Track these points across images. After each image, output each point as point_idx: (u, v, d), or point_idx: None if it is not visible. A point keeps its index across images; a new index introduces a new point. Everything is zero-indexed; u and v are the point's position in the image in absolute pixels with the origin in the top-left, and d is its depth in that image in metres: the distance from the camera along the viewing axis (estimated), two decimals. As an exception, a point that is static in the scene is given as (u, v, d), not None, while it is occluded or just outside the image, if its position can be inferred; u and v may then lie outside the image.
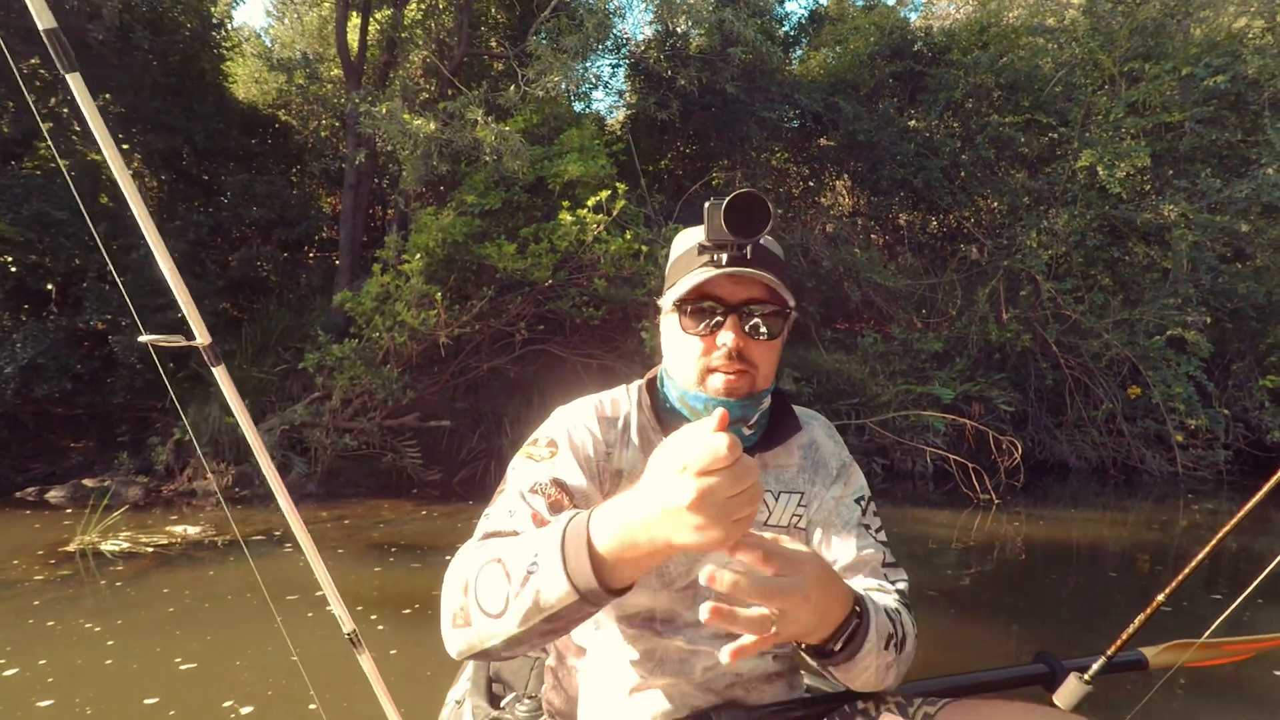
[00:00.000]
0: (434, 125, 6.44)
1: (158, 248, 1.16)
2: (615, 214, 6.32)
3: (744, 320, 0.91)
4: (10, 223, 6.11)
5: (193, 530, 4.84)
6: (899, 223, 10.76)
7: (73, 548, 4.38)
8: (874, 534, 1.00)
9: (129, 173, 1.14)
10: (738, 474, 0.57)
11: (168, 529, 4.87)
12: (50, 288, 7.13)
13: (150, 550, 4.41)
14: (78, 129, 7.23)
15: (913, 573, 0.99)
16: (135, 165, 8.29)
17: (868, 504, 1.02)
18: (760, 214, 0.84)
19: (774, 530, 0.99)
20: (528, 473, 0.90)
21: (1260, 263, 8.78)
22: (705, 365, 0.92)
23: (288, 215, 8.54)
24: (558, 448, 0.93)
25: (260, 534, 4.85)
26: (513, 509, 0.86)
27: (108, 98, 7.24)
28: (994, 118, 9.33)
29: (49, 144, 6.83)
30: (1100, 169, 8.31)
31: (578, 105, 9.33)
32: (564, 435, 0.95)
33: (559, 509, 0.86)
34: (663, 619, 0.95)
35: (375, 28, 8.63)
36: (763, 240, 0.92)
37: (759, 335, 0.91)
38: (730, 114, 8.66)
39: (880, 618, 0.82)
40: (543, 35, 7.47)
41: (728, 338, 0.90)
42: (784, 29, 11.13)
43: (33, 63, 6.61)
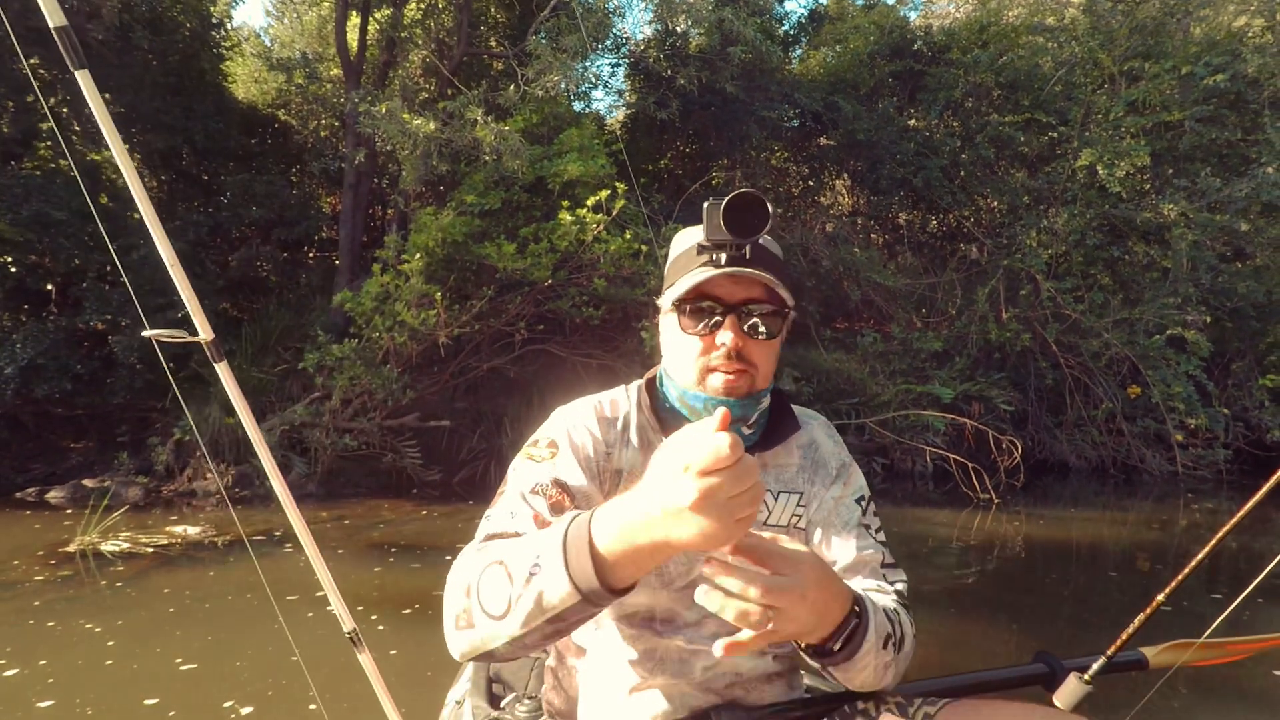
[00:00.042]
0: (433, 125, 6.44)
1: (162, 244, 1.16)
2: (615, 214, 6.32)
3: (743, 320, 0.91)
4: (10, 223, 6.11)
5: (193, 530, 4.84)
6: (899, 222, 10.76)
7: (73, 548, 4.38)
8: (873, 534, 1.00)
9: (135, 169, 1.14)
10: (739, 474, 0.57)
11: (168, 529, 4.87)
12: (50, 288, 7.13)
13: (150, 550, 4.41)
14: (78, 129, 7.23)
15: (913, 572, 0.99)
16: (135, 165, 8.28)
17: (867, 504, 1.02)
18: (759, 214, 0.84)
19: (773, 530, 0.99)
20: (528, 474, 0.90)
21: (1260, 262, 8.78)
22: (704, 365, 0.92)
23: (287, 215, 8.54)
24: (558, 448, 0.93)
25: (260, 534, 4.85)
26: (514, 510, 0.86)
27: (107, 97, 7.18)
28: (994, 117, 9.33)
29: (51, 144, 6.83)
30: (1100, 168, 8.32)
31: (577, 105, 9.33)
32: (564, 436, 0.95)
33: (560, 510, 0.86)
34: (663, 619, 0.95)
35: (375, 27, 8.62)
36: (762, 240, 0.92)
37: (758, 335, 0.92)
38: (730, 113, 8.66)
39: (879, 618, 0.82)
40: (542, 35, 7.47)
41: (727, 337, 0.90)
42: (783, 28, 11.14)
43: (32, 62, 6.61)
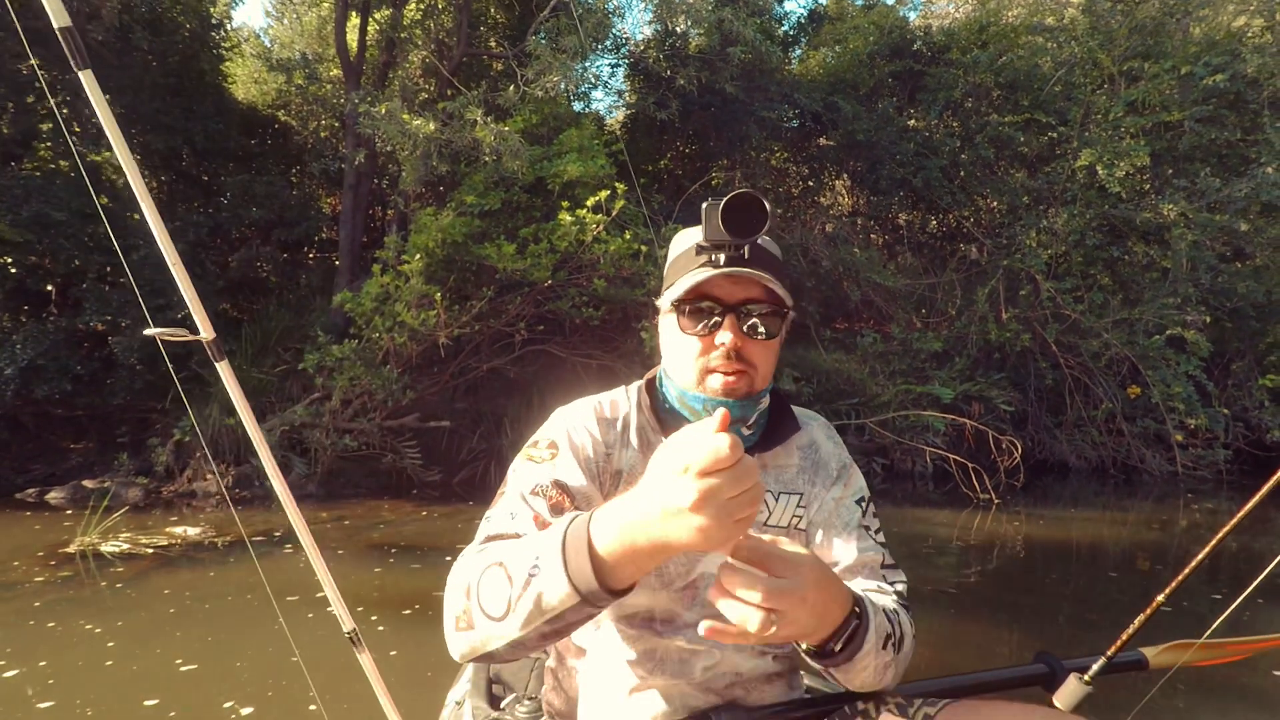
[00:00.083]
0: (433, 125, 6.44)
1: (164, 243, 1.16)
2: (614, 214, 6.32)
3: (742, 320, 0.91)
4: (10, 224, 6.11)
5: (193, 531, 4.84)
6: (898, 222, 10.76)
7: (73, 549, 4.38)
8: (873, 535, 1.00)
9: (137, 168, 1.13)
10: (739, 474, 0.57)
11: (168, 530, 4.87)
12: (50, 289, 7.13)
13: (150, 551, 4.41)
14: (78, 129, 7.22)
15: (913, 572, 0.99)
16: (136, 165, 8.29)
17: (867, 505, 1.03)
18: (758, 214, 0.84)
19: (774, 531, 0.99)
20: (528, 475, 0.90)
21: (1260, 262, 8.78)
22: (704, 365, 0.92)
23: (287, 216, 8.54)
24: (558, 449, 0.93)
25: (260, 535, 4.86)
26: (514, 511, 0.86)
27: (108, 98, 7.21)
28: (993, 117, 9.33)
29: (51, 144, 6.82)
30: (1100, 168, 8.32)
31: (577, 105, 9.34)
32: (564, 436, 0.95)
33: (560, 511, 0.86)
34: (662, 619, 0.95)
35: (374, 28, 8.63)
36: (760, 240, 0.92)
37: (757, 335, 0.92)
38: (729, 114, 8.66)
39: (879, 618, 0.82)
40: (542, 35, 7.47)
41: (726, 338, 0.90)
42: (783, 28, 11.14)
43: (32, 63, 6.61)
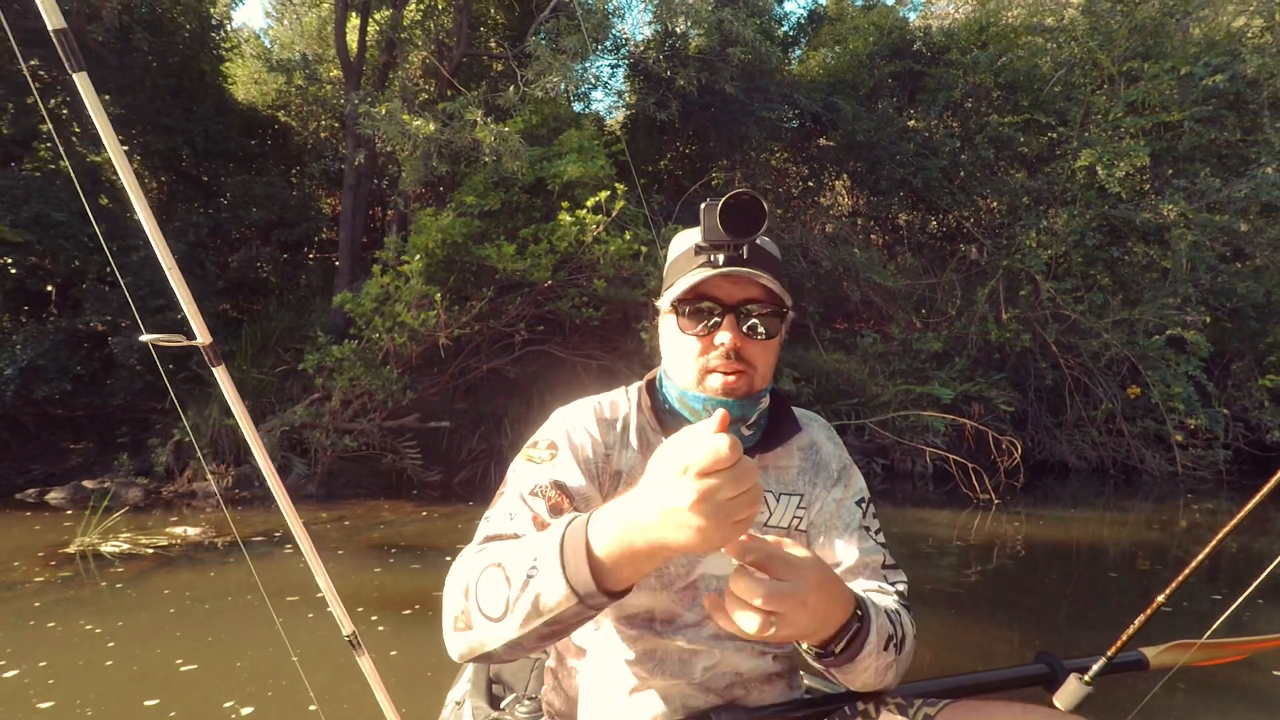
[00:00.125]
0: (433, 126, 6.44)
1: (160, 247, 1.16)
2: (614, 214, 6.32)
3: (741, 320, 0.91)
4: (10, 224, 6.11)
5: (192, 531, 4.84)
6: (898, 223, 10.76)
7: (73, 549, 4.38)
8: (874, 536, 1.00)
9: (133, 172, 1.13)
10: (738, 475, 0.57)
11: (168, 530, 4.87)
12: (50, 289, 7.13)
13: (150, 552, 4.41)
14: (78, 130, 7.23)
15: (913, 573, 0.99)
16: (135, 166, 8.30)
17: (868, 506, 1.03)
18: (756, 214, 0.84)
19: (775, 532, 0.99)
20: (528, 475, 0.90)
21: (1259, 262, 8.78)
22: (703, 365, 0.92)
23: (287, 216, 8.55)
24: (558, 450, 0.93)
25: (260, 535, 4.85)
26: (513, 512, 0.86)
27: (107, 99, 7.24)
28: (993, 117, 9.34)
29: (51, 145, 6.82)
30: (1099, 168, 8.32)
31: (577, 106, 9.35)
32: (563, 437, 0.95)
33: (559, 511, 0.86)
34: (663, 619, 0.95)
35: (374, 28, 8.63)
36: (760, 240, 0.92)
37: (756, 335, 0.92)
38: (729, 114, 8.66)
39: (881, 619, 0.82)
40: (542, 36, 7.48)
41: (725, 338, 0.90)
42: (783, 29, 11.15)
43: (32, 64, 6.61)
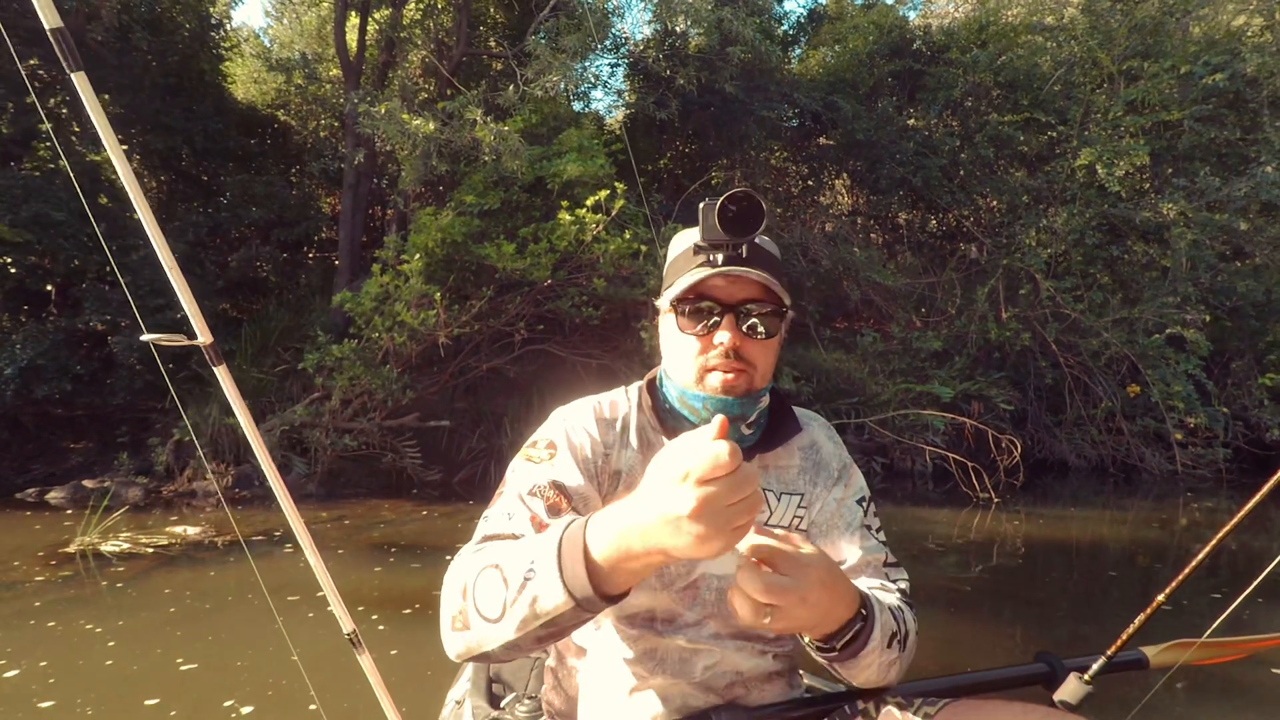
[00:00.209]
0: (433, 125, 6.43)
1: (160, 246, 1.15)
2: (614, 214, 6.31)
3: (741, 320, 0.91)
4: (9, 224, 6.10)
5: (193, 531, 4.84)
6: (898, 222, 10.75)
7: (73, 549, 4.38)
8: (875, 534, 1.01)
9: (132, 171, 1.13)
10: (738, 482, 0.57)
11: (168, 530, 4.87)
12: (50, 289, 7.13)
13: (150, 551, 4.41)
14: (77, 130, 7.22)
15: (912, 572, 1.00)
16: (134, 166, 8.30)
17: (869, 504, 1.03)
18: (754, 213, 0.84)
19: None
20: (526, 475, 0.90)
21: (1259, 261, 8.78)
22: (703, 364, 0.93)
23: (287, 216, 8.54)
24: (556, 449, 0.93)
25: (260, 534, 4.85)
26: (511, 512, 0.86)
27: (106, 98, 7.24)
28: (993, 116, 9.32)
29: (50, 144, 6.82)
30: (1099, 167, 8.31)
31: (576, 105, 9.34)
32: (563, 437, 0.95)
33: (557, 512, 0.86)
34: (663, 619, 0.95)
35: (374, 27, 8.62)
36: (759, 240, 0.92)
37: (756, 334, 0.92)
38: (729, 113, 8.66)
39: (885, 617, 0.83)
40: (541, 35, 7.47)
41: (725, 337, 0.90)
42: (783, 28, 11.14)
43: (31, 63, 6.61)
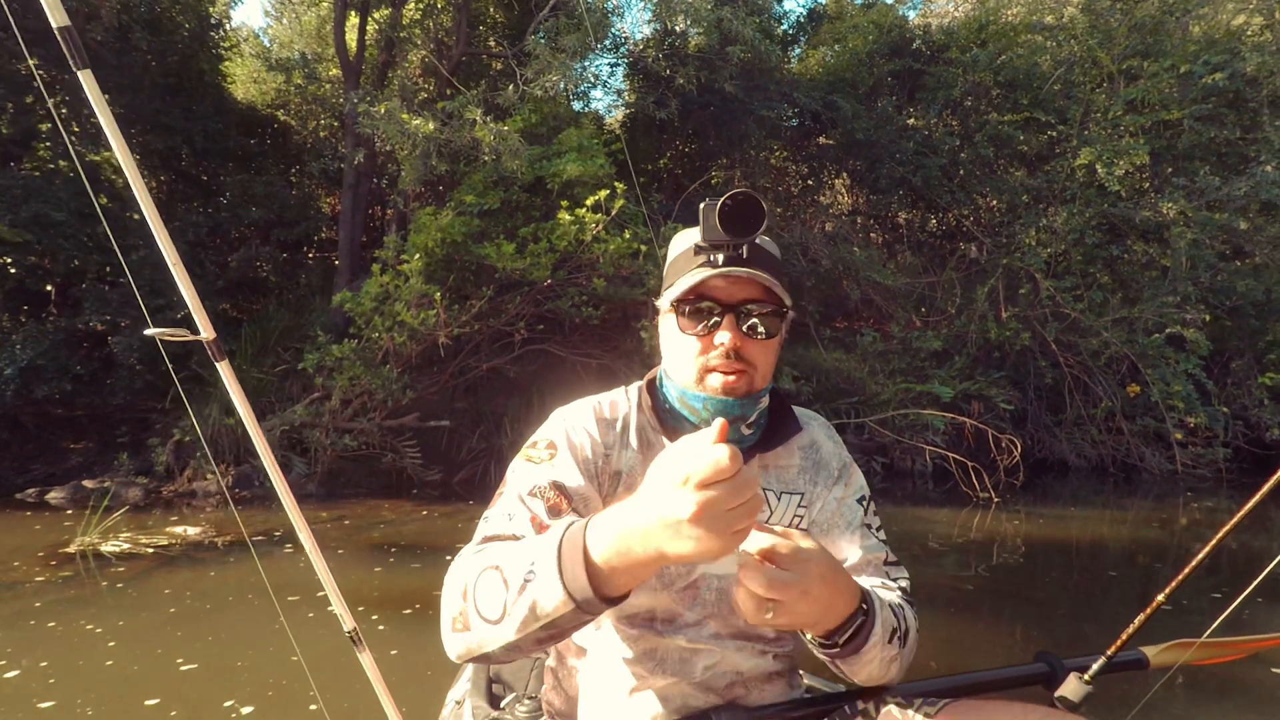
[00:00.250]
0: (432, 125, 6.43)
1: (164, 242, 1.15)
2: (614, 213, 6.31)
3: (741, 320, 0.91)
4: (9, 224, 6.10)
5: (193, 531, 4.84)
6: (898, 221, 10.75)
7: (73, 549, 4.38)
8: (875, 533, 1.01)
9: (137, 168, 1.13)
10: (738, 486, 0.57)
11: (168, 530, 4.87)
12: (49, 289, 7.12)
13: (150, 551, 4.41)
14: (76, 129, 7.22)
15: (913, 572, 1.00)
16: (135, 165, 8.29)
17: (869, 503, 1.03)
18: (755, 214, 0.84)
19: (777, 530, 0.99)
20: (527, 475, 0.90)
21: (1259, 260, 8.78)
22: (703, 365, 0.93)
23: (287, 215, 8.54)
24: (557, 450, 0.93)
25: (260, 534, 4.85)
26: (512, 512, 0.86)
27: (106, 98, 7.19)
28: (993, 116, 9.32)
29: (50, 145, 6.81)
30: (1099, 167, 8.31)
31: (576, 104, 9.33)
32: (563, 437, 0.95)
33: (558, 512, 0.86)
34: (663, 619, 0.96)
35: (373, 27, 8.62)
36: (759, 240, 0.92)
37: (756, 335, 0.92)
38: (729, 113, 8.65)
39: (885, 613, 0.84)
40: (541, 35, 7.46)
41: (725, 337, 0.90)
42: (782, 27, 11.13)
43: (31, 63, 6.60)
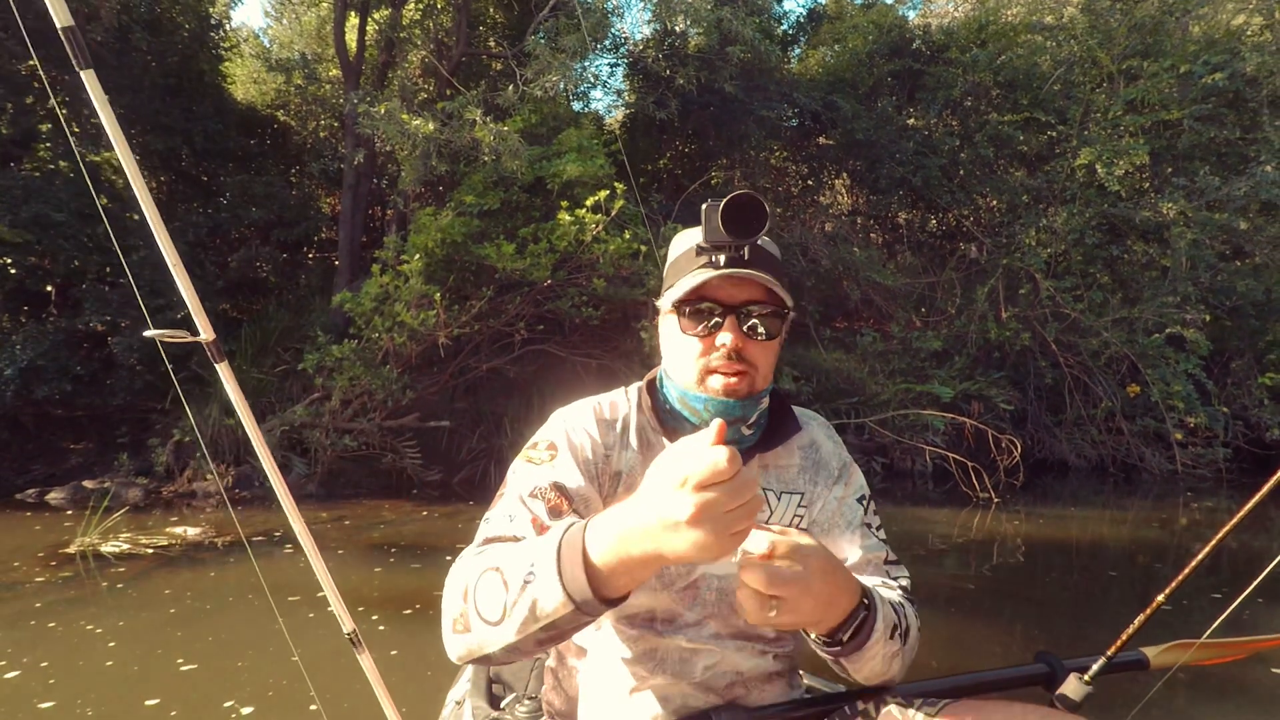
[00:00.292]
0: (432, 125, 6.43)
1: (164, 242, 1.15)
2: (614, 214, 6.31)
3: (742, 321, 0.91)
4: (9, 224, 6.10)
5: (193, 531, 4.84)
6: (898, 221, 10.75)
7: (73, 549, 4.38)
8: (875, 532, 1.01)
9: (138, 169, 1.13)
10: (737, 488, 0.57)
11: (168, 530, 4.87)
12: (50, 289, 7.12)
13: (150, 551, 4.41)
14: (76, 130, 7.22)
15: (913, 572, 1.00)
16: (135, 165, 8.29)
17: (869, 503, 1.03)
18: (757, 215, 0.84)
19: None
20: (527, 477, 0.90)
21: (1259, 260, 8.78)
22: (705, 366, 0.93)
23: (287, 216, 8.54)
24: (557, 451, 0.93)
25: (260, 535, 4.85)
26: (512, 514, 0.86)
27: (106, 99, 7.23)
28: (993, 116, 9.32)
29: (50, 145, 6.81)
30: (1099, 167, 8.31)
31: (576, 105, 9.33)
32: (563, 438, 0.95)
33: (558, 514, 0.86)
34: (664, 619, 0.96)
35: (373, 28, 8.62)
36: (760, 241, 0.93)
37: (757, 336, 0.92)
38: (729, 113, 8.65)
39: (886, 609, 0.84)
40: (541, 35, 7.46)
41: (727, 338, 0.90)
42: (782, 28, 11.13)
43: (31, 64, 6.60)
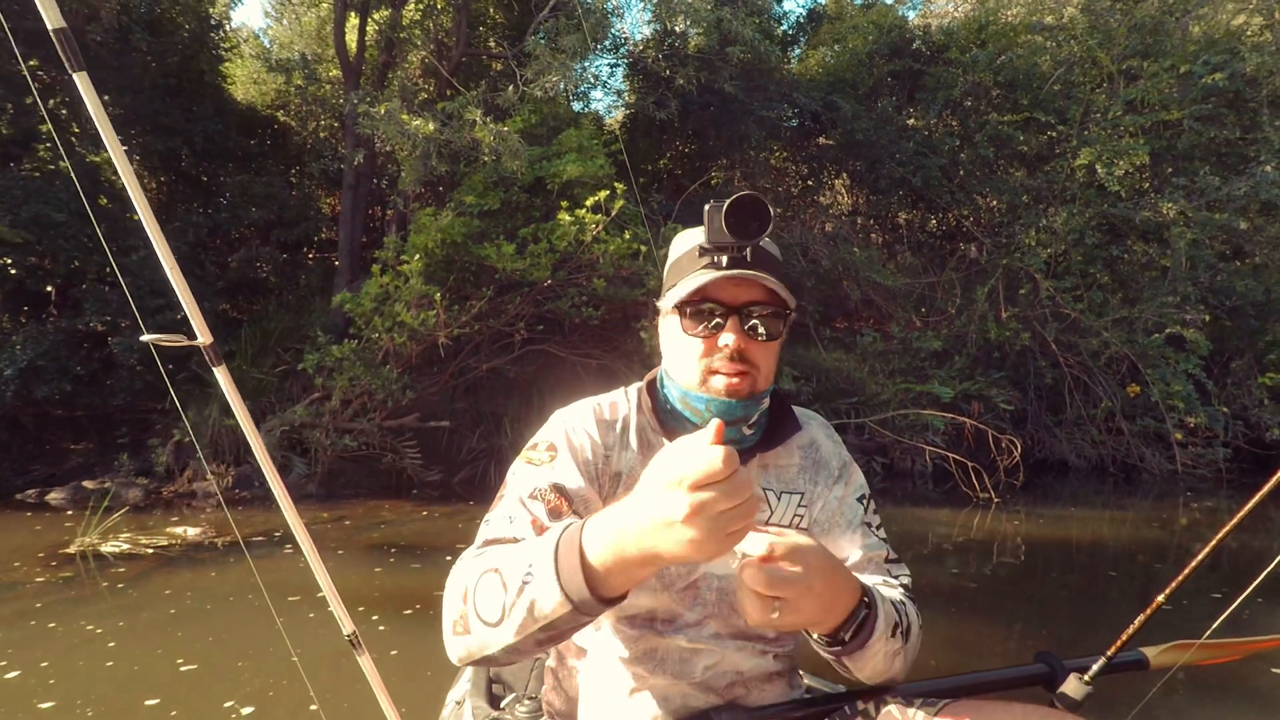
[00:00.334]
0: (432, 126, 6.43)
1: (160, 245, 1.15)
2: (614, 214, 6.31)
3: (744, 321, 0.91)
4: (9, 225, 6.10)
5: (193, 531, 4.83)
6: (898, 221, 10.75)
7: (73, 550, 4.38)
8: (876, 531, 1.02)
9: (133, 172, 1.13)
10: (733, 488, 0.57)
11: (168, 530, 4.87)
12: (50, 290, 7.12)
13: (150, 552, 4.41)
14: (76, 130, 7.22)
15: (913, 571, 1.00)
16: (134, 167, 8.26)
17: (868, 502, 1.04)
18: (760, 216, 0.85)
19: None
20: (527, 478, 0.90)
21: (1259, 260, 8.78)
22: (706, 366, 0.93)
23: (287, 216, 8.54)
24: (557, 452, 0.93)
25: (260, 535, 4.85)
26: (512, 515, 0.86)
27: (106, 99, 7.19)
28: (993, 116, 9.32)
29: (50, 145, 6.81)
30: (1099, 167, 8.32)
31: (576, 105, 9.33)
32: (563, 439, 0.95)
33: (558, 515, 0.86)
34: (664, 619, 0.96)
35: (373, 28, 8.62)
36: (761, 242, 0.93)
37: (759, 336, 0.92)
38: (729, 113, 8.66)
39: (887, 607, 0.85)
40: (541, 35, 7.47)
41: (728, 339, 0.90)
42: (782, 28, 11.14)
43: (31, 64, 6.60)
